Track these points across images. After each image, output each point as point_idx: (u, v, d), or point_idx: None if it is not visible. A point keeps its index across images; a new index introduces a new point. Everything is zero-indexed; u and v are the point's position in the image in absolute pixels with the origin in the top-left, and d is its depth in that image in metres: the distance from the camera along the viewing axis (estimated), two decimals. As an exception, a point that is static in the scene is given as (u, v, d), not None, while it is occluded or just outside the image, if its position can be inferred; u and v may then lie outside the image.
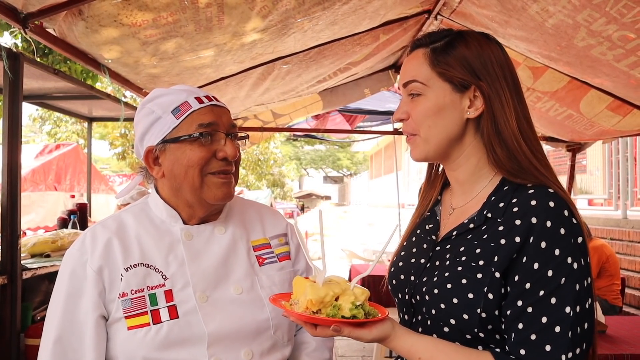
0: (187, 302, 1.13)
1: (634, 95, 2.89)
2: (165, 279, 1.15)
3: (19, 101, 2.29)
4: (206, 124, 1.16)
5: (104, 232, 1.17)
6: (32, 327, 2.49)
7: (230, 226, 1.27)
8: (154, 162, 1.20)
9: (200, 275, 1.16)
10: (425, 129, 1.06)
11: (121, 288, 1.12)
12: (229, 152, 1.17)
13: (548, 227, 0.93)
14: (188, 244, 1.19)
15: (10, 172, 2.26)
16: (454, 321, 0.98)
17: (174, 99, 1.19)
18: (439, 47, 1.07)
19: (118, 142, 14.96)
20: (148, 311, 1.10)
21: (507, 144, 1.03)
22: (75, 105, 4.10)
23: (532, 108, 3.68)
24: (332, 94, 4.55)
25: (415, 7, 2.92)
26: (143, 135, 1.20)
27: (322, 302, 0.94)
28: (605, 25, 2.01)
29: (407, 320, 1.11)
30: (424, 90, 1.06)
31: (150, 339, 1.08)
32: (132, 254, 1.16)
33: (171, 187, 1.20)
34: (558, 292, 0.91)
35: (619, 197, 7.66)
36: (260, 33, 2.41)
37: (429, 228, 1.16)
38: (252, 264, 1.25)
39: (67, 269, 1.14)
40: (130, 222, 1.21)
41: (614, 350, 2.41)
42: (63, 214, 3.50)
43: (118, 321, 1.11)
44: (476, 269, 0.97)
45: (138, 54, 2.39)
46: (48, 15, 1.91)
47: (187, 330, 1.11)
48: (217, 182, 1.17)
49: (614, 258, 4.76)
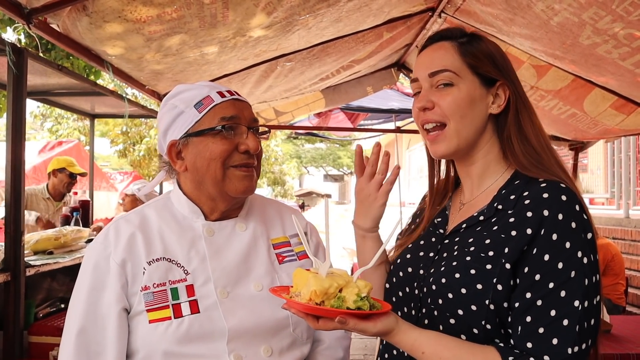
0: (208, 298, 1.14)
1: (638, 94, 2.88)
2: (186, 274, 1.16)
3: (23, 97, 2.28)
4: (228, 117, 1.18)
5: (128, 226, 1.19)
6: (35, 325, 2.49)
7: (251, 223, 1.28)
8: (177, 156, 1.22)
9: (221, 271, 1.18)
10: (457, 120, 1.06)
11: (143, 281, 1.13)
12: (251, 145, 1.18)
13: (560, 219, 0.93)
14: (210, 239, 1.20)
15: (14, 169, 2.26)
16: (462, 312, 0.97)
17: (196, 93, 1.20)
18: (465, 41, 1.08)
19: (119, 140, 14.96)
20: (170, 305, 1.11)
21: (530, 140, 1.05)
22: (78, 102, 4.10)
23: (535, 107, 3.64)
24: (334, 92, 4.55)
25: (419, 5, 2.91)
26: (166, 130, 1.22)
27: (326, 294, 0.91)
28: (611, 24, 2.00)
29: (413, 315, 1.09)
30: (457, 81, 1.06)
31: (171, 333, 1.09)
32: (154, 248, 1.17)
33: (193, 180, 1.21)
34: (568, 285, 0.91)
35: (621, 196, 7.65)
36: (265, 30, 2.41)
37: (438, 222, 1.16)
38: (272, 261, 1.25)
39: (91, 262, 1.16)
40: (153, 217, 1.22)
41: (619, 350, 2.40)
42: (66, 211, 3.50)
43: (140, 314, 1.12)
44: (485, 260, 0.97)
45: (142, 50, 2.38)
46: (52, 11, 1.90)
47: (207, 325, 1.12)
48: (239, 174, 1.18)
49: (619, 257, 4.75)
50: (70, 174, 4.53)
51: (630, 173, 7.64)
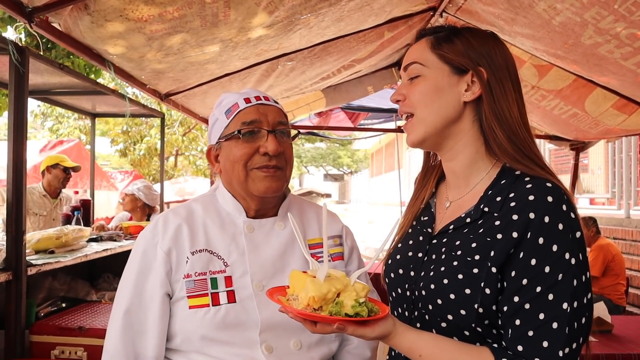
0: (245, 289, 1.22)
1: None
2: (226, 266, 1.24)
3: (25, 96, 2.28)
4: (249, 122, 1.25)
5: (175, 218, 1.27)
6: (36, 324, 2.49)
7: (290, 223, 1.31)
8: (215, 159, 1.33)
9: (258, 265, 1.25)
10: (422, 108, 1.07)
11: (186, 270, 1.21)
12: (270, 148, 1.23)
13: (546, 222, 0.92)
14: (249, 235, 1.28)
15: (15, 168, 2.25)
16: (452, 317, 0.98)
17: (229, 101, 1.31)
18: (442, 35, 1.10)
19: (119, 139, 14.96)
20: (209, 293, 1.20)
21: (509, 128, 1.03)
22: (79, 101, 4.10)
23: (536, 106, 3.67)
24: (335, 91, 4.54)
25: (420, 4, 2.90)
26: (209, 137, 1.34)
27: (324, 299, 0.91)
28: (613, 23, 2.00)
29: (406, 316, 1.10)
30: (423, 71, 1.08)
31: (209, 319, 1.17)
32: (198, 240, 1.25)
33: (226, 181, 1.32)
34: (555, 289, 0.90)
35: (622, 196, 7.65)
36: (266, 29, 2.41)
37: (424, 220, 1.15)
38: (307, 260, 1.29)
39: (140, 249, 1.25)
40: (199, 211, 1.31)
41: (621, 350, 2.40)
42: (67, 210, 3.50)
43: (181, 300, 1.20)
44: (472, 264, 0.97)
45: (143, 50, 2.38)
46: (54, 10, 1.90)
47: (242, 314, 1.19)
48: (260, 175, 1.25)
49: (619, 257, 4.75)
50: (65, 169, 4.55)
51: (630, 173, 7.64)
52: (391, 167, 21.37)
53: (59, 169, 4.53)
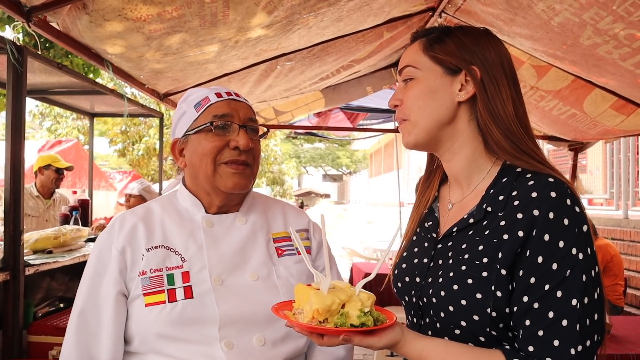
0: (203, 284, 1.18)
1: (638, 94, 2.88)
2: (183, 261, 1.21)
3: (23, 96, 2.27)
4: (220, 115, 1.23)
5: (132, 217, 1.26)
6: (34, 324, 2.48)
7: (252, 217, 1.32)
8: (180, 153, 1.29)
9: (217, 259, 1.22)
10: (416, 111, 1.07)
11: (141, 267, 1.19)
12: (241, 142, 1.21)
13: (551, 218, 0.91)
14: (208, 230, 1.25)
15: (13, 168, 2.25)
16: (465, 323, 0.96)
17: (198, 95, 1.28)
18: (434, 36, 1.10)
19: (118, 139, 14.95)
20: (165, 290, 1.16)
21: (504, 125, 1.02)
22: (77, 101, 4.09)
23: (535, 107, 3.68)
24: (334, 92, 4.54)
25: (419, 5, 2.90)
26: (174, 131, 1.31)
27: (328, 311, 0.90)
28: (612, 24, 2.00)
29: (416, 323, 1.09)
30: (416, 74, 1.08)
31: (164, 316, 1.14)
32: (154, 237, 1.23)
33: (191, 175, 1.28)
34: (564, 285, 0.89)
35: (620, 197, 7.65)
36: (265, 29, 2.40)
37: (429, 226, 1.14)
38: (270, 254, 1.28)
39: (96, 250, 1.24)
40: (157, 209, 1.30)
41: (619, 350, 2.40)
42: (65, 210, 3.49)
43: (137, 298, 1.17)
44: (481, 267, 0.95)
45: (142, 49, 2.38)
46: (52, 9, 1.90)
47: (200, 310, 1.15)
48: (229, 171, 1.23)
49: (618, 258, 4.76)
50: (57, 170, 4.53)
51: (629, 174, 7.65)
52: (390, 168, 21.37)
53: (51, 169, 4.51)
